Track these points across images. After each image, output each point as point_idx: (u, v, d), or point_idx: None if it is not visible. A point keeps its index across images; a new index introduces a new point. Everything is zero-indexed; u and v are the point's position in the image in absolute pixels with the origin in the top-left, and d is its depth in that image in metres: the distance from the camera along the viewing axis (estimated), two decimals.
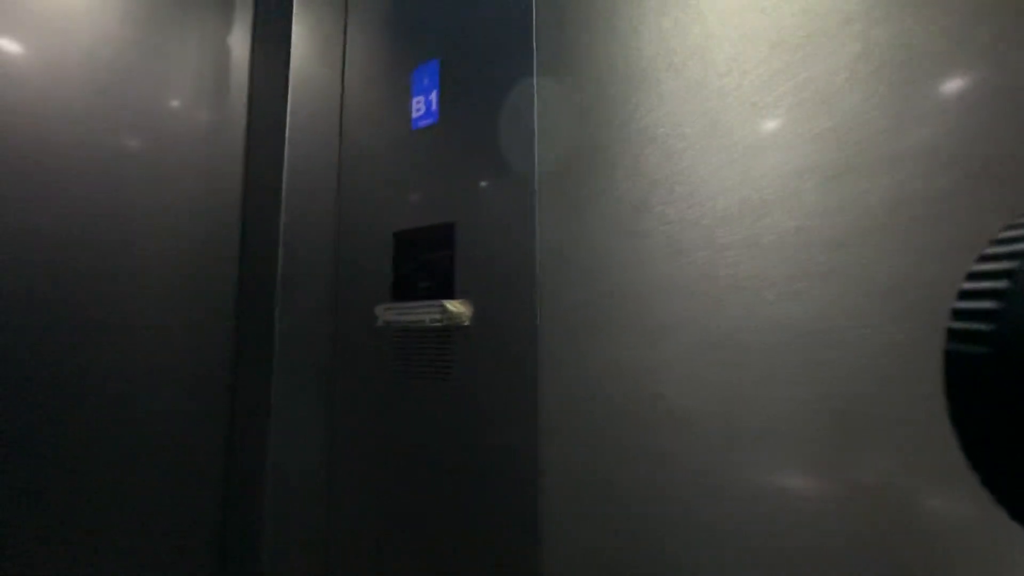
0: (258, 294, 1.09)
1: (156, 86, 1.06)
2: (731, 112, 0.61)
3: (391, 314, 0.97)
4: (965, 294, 0.26)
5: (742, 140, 0.60)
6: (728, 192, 0.61)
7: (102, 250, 0.97)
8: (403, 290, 0.99)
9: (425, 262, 0.95)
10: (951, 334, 0.26)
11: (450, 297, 0.90)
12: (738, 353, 0.59)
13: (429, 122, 0.98)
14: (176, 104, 1.09)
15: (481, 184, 0.88)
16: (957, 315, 0.26)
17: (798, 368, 0.55)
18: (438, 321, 0.89)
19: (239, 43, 1.18)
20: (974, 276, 0.26)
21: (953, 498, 0.47)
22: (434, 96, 0.98)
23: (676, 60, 0.66)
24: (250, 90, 1.20)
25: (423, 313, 0.92)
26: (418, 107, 1.00)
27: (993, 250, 0.25)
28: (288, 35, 1.11)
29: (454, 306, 0.88)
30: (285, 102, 1.10)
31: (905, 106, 0.50)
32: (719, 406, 0.60)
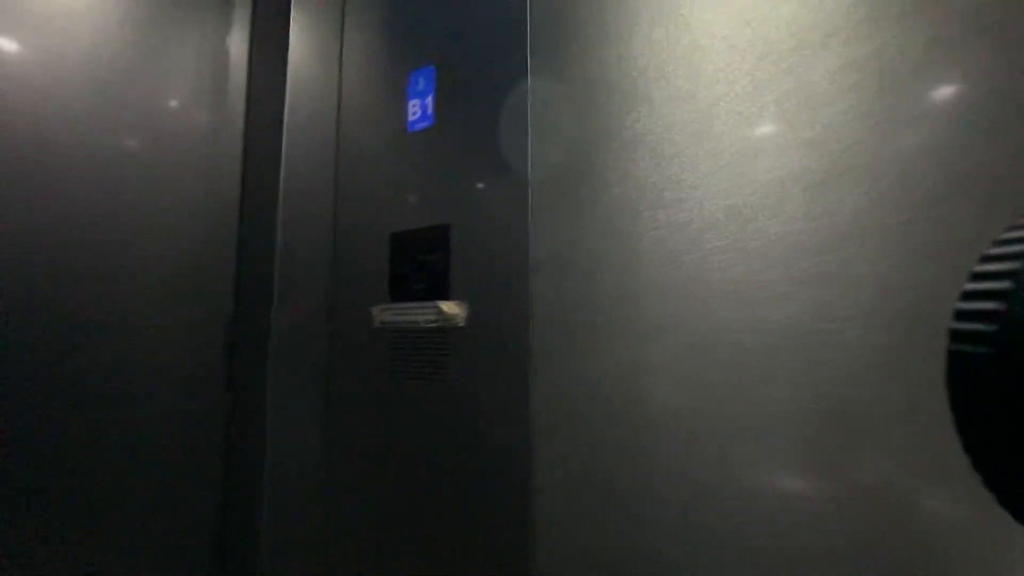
0: (256, 294, 1.11)
1: (155, 87, 1.07)
2: (719, 121, 0.63)
3: (387, 315, 0.99)
4: (968, 295, 0.26)
5: (729, 148, 0.62)
6: (716, 198, 0.63)
7: (100, 250, 0.98)
8: (399, 291, 1.00)
9: (421, 263, 0.97)
10: (954, 334, 0.26)
11: (446, 298, 0.92)
12: (728, 354, 0.61)
13: (425, 125, 1.00)
14: (175, 105, 1.10)
15: (476, 187, 0.90)
16: (960, 315, 0.26)
17: (785, 369, 0.57)
18: (434, 322, 0.90)
19: (237, 45, 1.19)
20: (976, 277, 0.25)
21: (943, 496, 0.49)
22: (430, 100, 0.99)
23: (666, 70, 0.68)
24: (248, 91, 1.21)
25: (419, 314, 0.93)
26: (414, 110, 1.02)
27: (995, 251, 0.25)
28: (286, 38, 1.12)
29: (449, 307, 0.90)
30: (283, 104, 1.11)
31: (883, 117, 0.52)
32: (711, 406, 0.62)
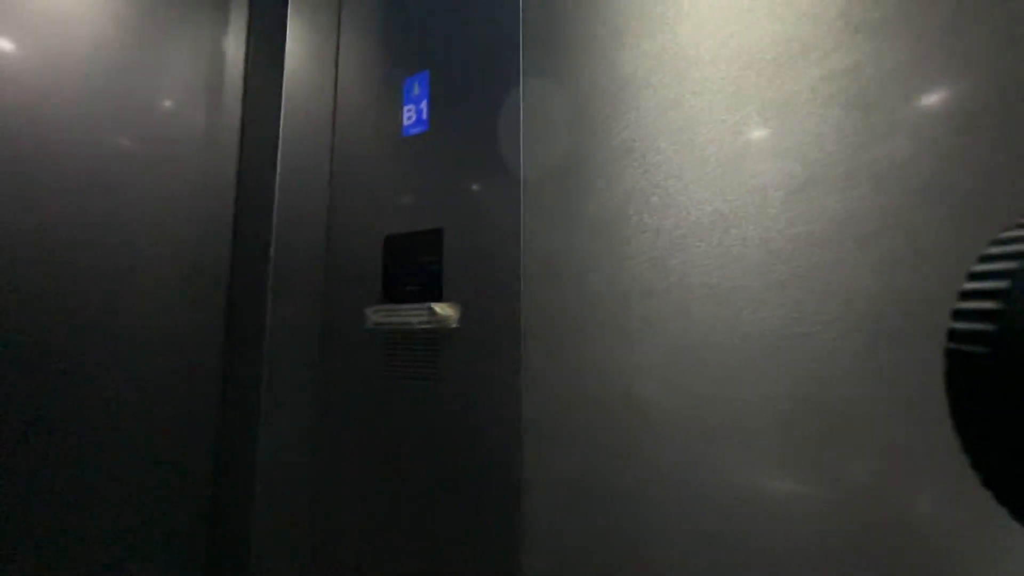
0: (250, 294, 1.12)
1: (152, 88, 1.08)
2: (703, 129, 0.65)
3: (380, 316, 1.00)
4: (966, 294, 0.26)
5: (713, 155, 0.64)
6: (701, 204, 0.65)
7: (95, 250, 0.99)
8: (392, 293, 1.02)
9: (415, 265, 0.98)
10: (952, 334, 0.26)
11: (438, 300, 0.93)
12: (710, 355, 0.63)
13: (420, 130, 1.01)
14: (171, 106, 1.11)
15: (469, 191, 0.92)
16: (958, 315, 0.26)
17: (763, 370, 0.59)
18: (426, 323, 0.92)
19: (234, 48, 1.21)
20: (975, 276, 0.25)
21: (920, 494, 0.51)
22: (424, 105, 1.01)
23: (653, 79, 0.70)
24: (244, 93, 1.22)
25: (412, 315, 0.94)
26: (409, 115, 1.04)
27: (993, 250, 0.25)
28: (283, 42, 1.13)
29: (442, 309, 0.91)
30: (279, 106, 1.12)
31: (858, 128, 0.54)
32: (694, 407, 0.63)
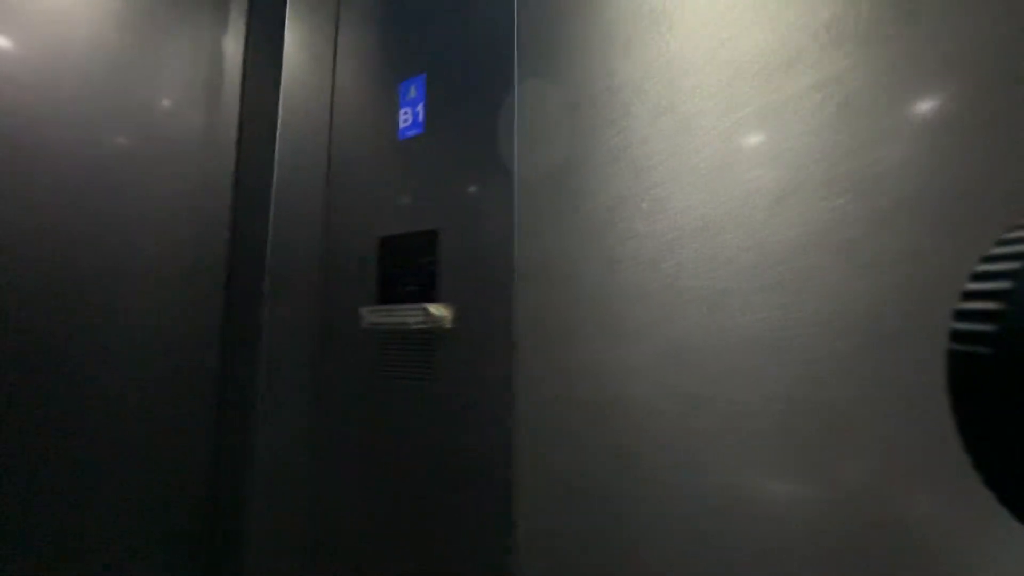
0: (247, 294, 1.12)
1: (150, 88, 1.09)
2: (693, 136, 0.67)
3: (376, 316, 1.01)
4: (969, 295, 0.26)
5: (702, 162, 0.66)
6: (690, 209, 0.66)
7: (92, 248, 0.99)
8: (388, 293, 1.03)
9: (410, 266, 1.00)
10: (955, 334, 0.26)
11: (433, 301, 0.94)
12: (698, 357, 0.64)
13: (415, 133, 1.03)
14: (170, 106, 1.12)
15: (464, 193, 0.93)
16: (960, 315, 0.26)
17: (750, 372, 0.60)
18: (421, 324, 0.93)
19: (233, 49, 1.22)
20: (977, 277, 0.25)
21: (900, 493, 0.52)
22: (420, 108, 1.02)
23: (645, 86, 0.71)
24: (243, 95, 1.23)
25: (407, 316, 0.96)
26: (405, 118, 1.05)
27: (996, 251, 0.25)
28: (281, 43, 1.14)
29: (436, 309, 0.92)
30: (277, 107, 1.13)
31: (842, 136, 0.56)
32: (684, 408, 0.65)
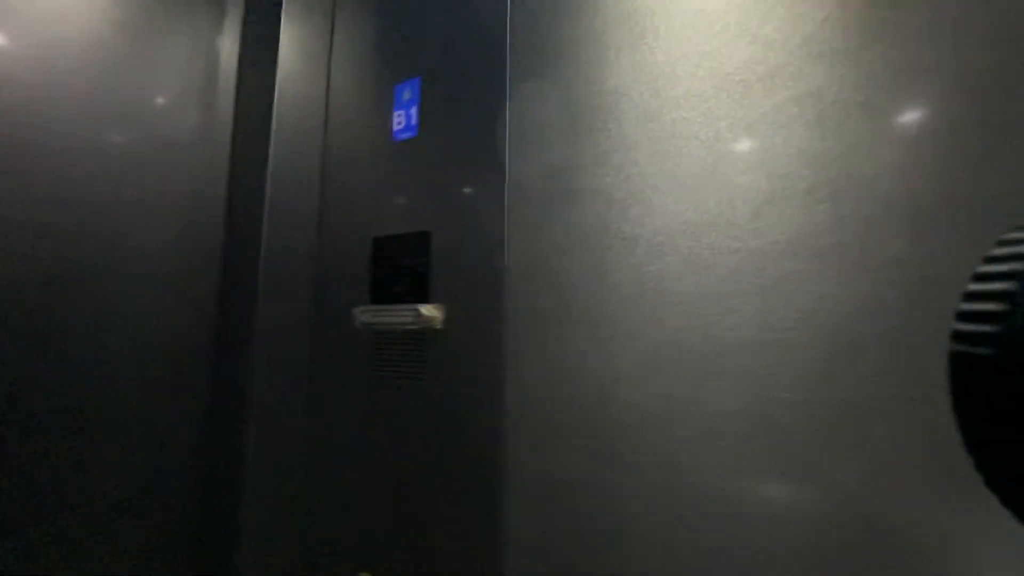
0: (240, 293, 1.13)
1: (146, 87, 1.10)
2: (678, 142, 0.68)
3: (368, 316, 1.02)
4: (970, 296, 0.25)
5: (687, 168, 0.67)
6: (675, 214, 0.68)
7: (87, 246, 1.00)
8: (380, 293, 1.04)
9: (402, 267, 1.01)
10: (956, 336, 0.26)
11: (424, 301, 0.95)
12: (683, 359, 0.66)
13: (409, 135, 1.04)
14: (165, 105, 1.13)
15: (456, 196, 0.94)
16: (962, 316, 0.26)
17: (732, 374, 0.62)
18: (413, 324, 0.94)
19: (228, 50, 1.22)
20: (979, 277, 0.25)
21: (878, 493, 0.54)
22: (414, 111, 1.03)
23: (633, 93, 0.73)
24: (238, 95, 1.24)
25: (399, 316, 0.97)
26: (399, 120, 1.06)
27: (997, 251, 0.25)
28: (276, 46, 1.15)
29: (428, 310, 0.93)
30: (271, 108, 1.14)
31: (819, 146, 0.58)
32: (667, 410, 0.66)
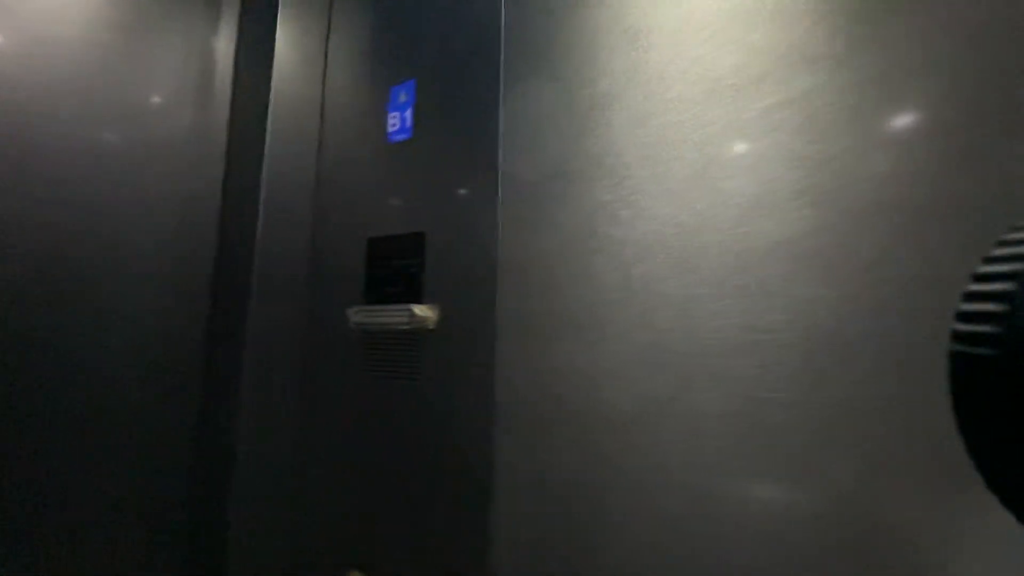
0: (234, 292, 1.14)
1: (141, 86, 1.10)
2: (668, 147, 0.69)
3: (362, 316, 1.03)
4: (971, 296, 0.25)
5: (677, 172, 0.68)
6: (664, 217, 0.69)
7: (81, 244, 1.01)
8: (374, 294, 1.05)
9: (396, 268, 1.02)
10: (956, 336, 0.26)
11: (418, 302, 0.96)
12: (668, 360, 0.66)
13: (404, 137, 1.05)
14: (160, 104, 1.13)
15: (450, 197, 0.95)
16: (962, 317, 0.26)
17: (715, 375, 0.63)
18: (406, 324, 0.95)
19: (224, 52, 1.23)
20: (979, 278, 0.25)
21: (859, 494, 0.55)
22: (409, 113, 1.04)
23: (625, 96, 0.74)
24: (233, 95, 1.24)
25: (392, 316, 0.97)
26: (394, 122, 1.07)
27: (998, 252, 0.25)
28: (271, 46, 1.16)
29: (421, 311, 0.94)
30: (267, 109, 1.15)
31: (805, 151, 0.59)
32: (652, 411, 0.67)
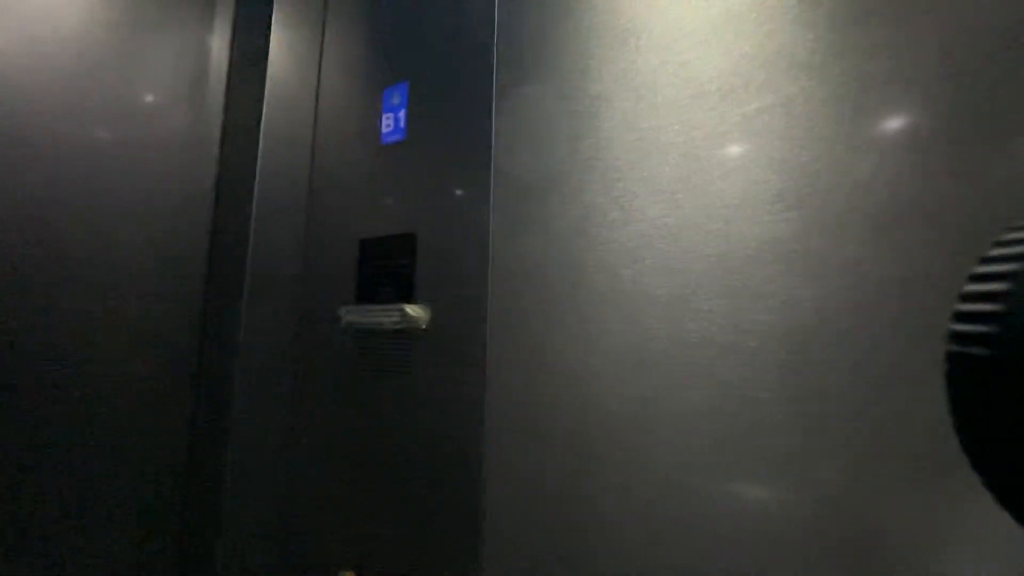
0: (227, 291, 1.14)
1: (135, 85, 1.10)
2: (656, 150, 0.71)
3: (354, 316, 1.03)
4: (967, 296, 0.25)
5: (665, 175, 0.70)
6: (651, 219, 0.70)
7: (74, 243, 1.00)
8: (366, 294, 1.05)
9: (388, 268, 1.02)
10: (953, 336, 0.26)
11: (409, 302, 0.97)
12: (655, 361, 0.68)
13: (397, 138, 1.05)
14: (154, 104, 1.13)
15: (442, 199, 0.96)
16: (959, 317, 0.26)
17: (701, 376, 0.64)
18: (397, 324, 0.96)
19: (218, 52, 1.23)
20: (976, 278, 0.25)
21: (842, 494, 0.56)
22: (403, 114, 1.05)
23: (615, 100, 0.75)
24: (227, 96, 1.25)
25: (384, 316, 0.98)
26: (387, 123, 1.07)
27: (994, 252, 0.25)
28: (266, 47, 1.16)
29: (413, 310, 0.95)
30: (261, 109, 1.15)
31: (786, 155, 0.60)
32: (638, 410, 0.68)
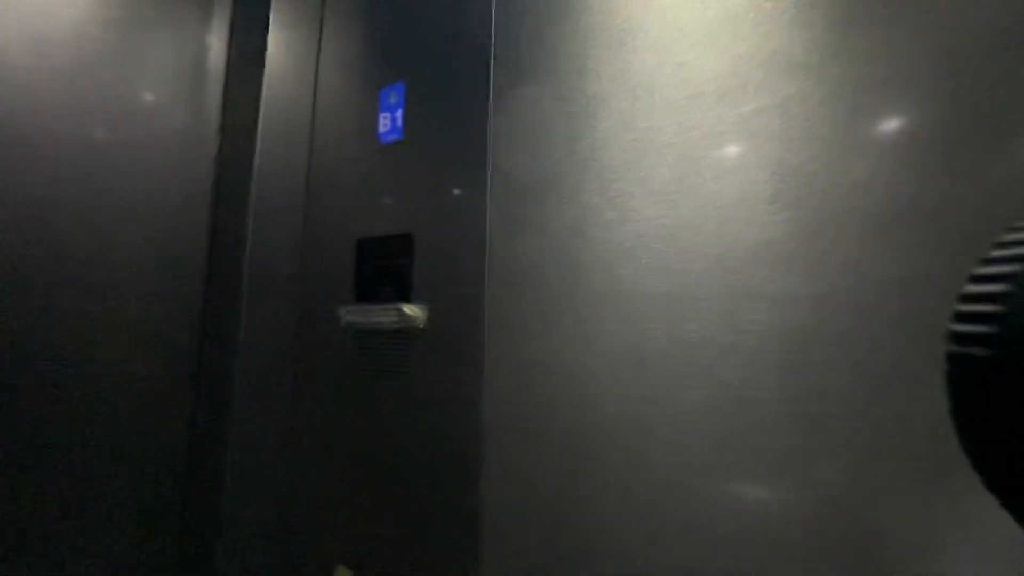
0: (226, 291, 1.14)
1: (133, 85, 1.10)
2: (653, 150, 0.71)
3: (352, 315, 1.04)
4: (967, 296, 0.25)
5: (661, 175, 0.70)
6: (649, 219, 0.70)
7: (73, 242, 1.01)
8: (364, 293, 1.06)
9: (386, 268, 1.02)
10: (953, 336, 0.26)
11: (407, 301, 0.97)
12: (653, 360, 0.68)
13: (395, 138, 1.05)
14: (152, 104, 1.13)
15: (439, 198, 0.96)
16: (959, 317, 0.26)
17: (699, 375, 0.64)
18: (395, 323, 0.96)
19: (216, 51, 1.23)
20: (976, 279, 0.25)
21: (835, 493, 0.57)
22: (400, 114, 1.05)
23: (612, 101, 0.75)
24: (225, 95, 1.24)
25: (382, 315, 0.98)
26: (385, 123, 1.08)
27: (994, 253, 0.25)
28: (263, 46, 1.16)
29: (411, 310, 0.95)
30: (258, 108, 1.15)
31: (782, 156, 0.61)
32: (636, 409, 0.69)
